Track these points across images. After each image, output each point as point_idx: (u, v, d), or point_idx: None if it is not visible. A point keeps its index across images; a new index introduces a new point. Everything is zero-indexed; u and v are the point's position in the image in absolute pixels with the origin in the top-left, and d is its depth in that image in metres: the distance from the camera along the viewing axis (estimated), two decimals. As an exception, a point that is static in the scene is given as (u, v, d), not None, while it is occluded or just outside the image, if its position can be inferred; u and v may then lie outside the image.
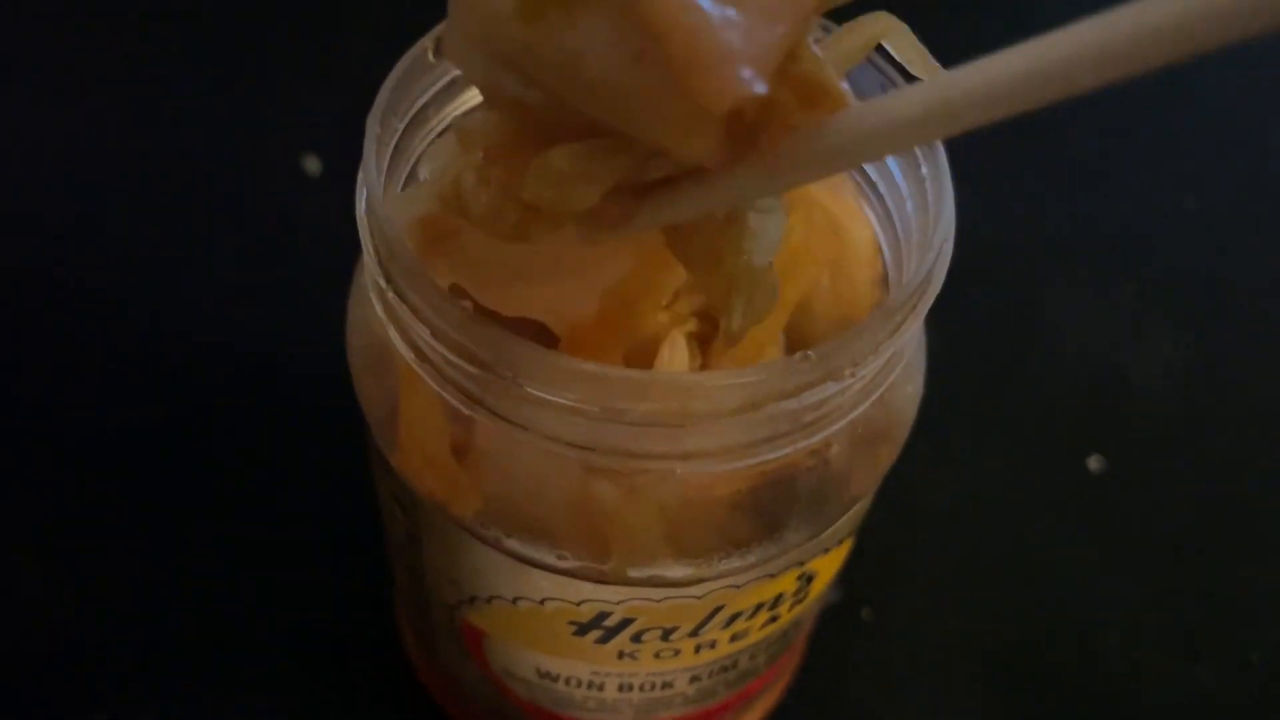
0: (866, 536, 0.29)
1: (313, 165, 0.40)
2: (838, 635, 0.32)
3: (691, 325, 0.20)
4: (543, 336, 0.19)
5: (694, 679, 0.23)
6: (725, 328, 0.17)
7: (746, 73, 0.13)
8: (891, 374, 0.19)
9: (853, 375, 0.17)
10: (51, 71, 0.43)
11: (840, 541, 0.22)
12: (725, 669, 0.24)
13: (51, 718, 0.30)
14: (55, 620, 0.31)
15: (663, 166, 0.15)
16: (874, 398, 0.18)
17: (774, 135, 0.14)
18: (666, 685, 0.23)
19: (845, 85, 0.14)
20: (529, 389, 0.17)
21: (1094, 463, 0.36)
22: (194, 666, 0.31)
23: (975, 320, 0.38)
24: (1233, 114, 0.46)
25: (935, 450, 0.35)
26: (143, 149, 0.41)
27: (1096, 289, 0.40)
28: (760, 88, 0.13)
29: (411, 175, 0.20)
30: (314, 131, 0.40)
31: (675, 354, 0.19)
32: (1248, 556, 0.34)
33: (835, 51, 0.17)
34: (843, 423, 0.18)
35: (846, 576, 0.32)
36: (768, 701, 0.29)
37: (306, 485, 0.33)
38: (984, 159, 0.43)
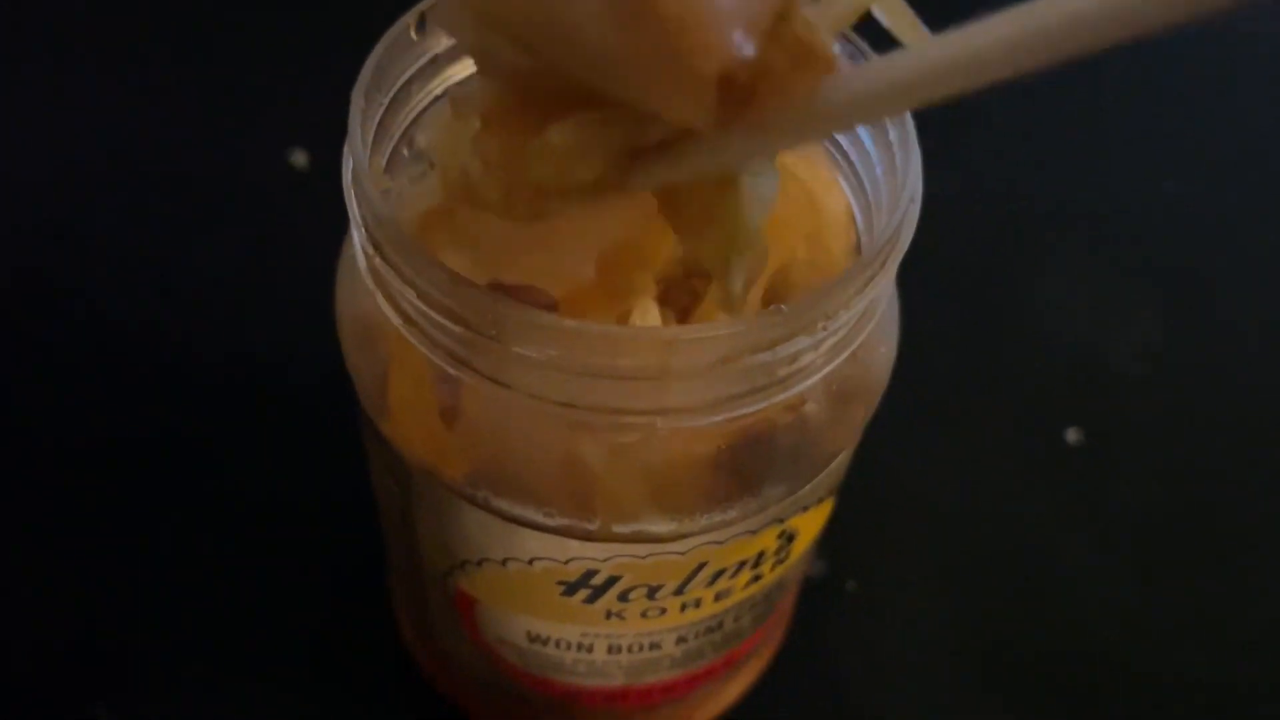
0: (850, 508, 0.29)
1: (300, 159, 0.40)
2: (823, 607, 0.33)
3: (654, 290, 0.20)
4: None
5: (680, 640, 0.24)
6: (726, 291, 0.17)
7: (737, 35, 0.13)
8: (863, 331, 0.19)
9: (824, 329, 0.18)
10: (36, 71, 0.43)
11: (819, 501, 0.23)
12: (711, 630, 0.24)
13: (50, 712, 0.30)
14: (54, 616, 0.32)
15: (658, 130, 0.15)
16: (847, 354, 0.19)
17: (766, 99, 0.14)
18: (654, 646, 0.24)
19: (836, 49, 0.14)
20: (513, 348, 0.17)
21: (1072, 435, 0.36)
22: (189, 657, 0.31)
23: (956, 300, 0.39)
24: (1211, 98, 0.47)
25: (917, 425, 0.36)
26: (129, 144, 0.41)
27: (1076, 270, 0.41)
28: (749, 50, 0.13)
29: (395, 151, 0.21)
30: (301, 126, 0.41)
31: (647, 320, 0.20)
32: (1220, 521, 0.35)
33: (825, 15, 0.17)
34: (817, 378, 0.19)
35: (831, 549, 0.33)
36: (754, 669, 0.30)
37: (300, 478, 0.34)
38: (965, 143, 0.44)
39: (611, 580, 0.21)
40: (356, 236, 0.19)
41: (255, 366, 0.36)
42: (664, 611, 0.23)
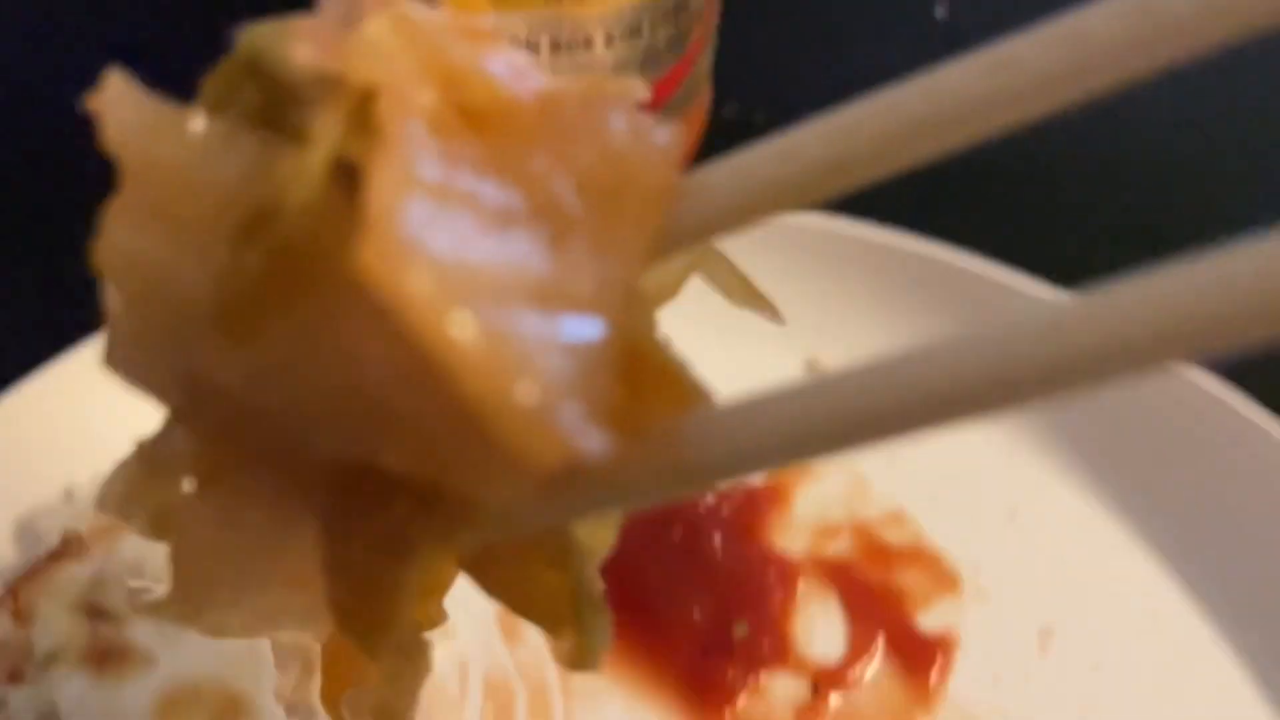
0: (752, 56, 0.35)
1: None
2: (738, 136, 0.38)
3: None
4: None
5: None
6: (569, 664, 0.13)
7: (575, 416, 0.09)
8: None
9: None
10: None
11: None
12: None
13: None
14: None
15: (448, 511, 0.11)
16: None
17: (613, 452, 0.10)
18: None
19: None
20: None
21: (939, 10, 0.43)
22: None
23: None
24: None
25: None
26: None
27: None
28: (596, 443, 0.09)
29: None
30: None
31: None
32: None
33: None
34: None
35: (741, 91, 0.39)
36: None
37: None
38: None
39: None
40: None
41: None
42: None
